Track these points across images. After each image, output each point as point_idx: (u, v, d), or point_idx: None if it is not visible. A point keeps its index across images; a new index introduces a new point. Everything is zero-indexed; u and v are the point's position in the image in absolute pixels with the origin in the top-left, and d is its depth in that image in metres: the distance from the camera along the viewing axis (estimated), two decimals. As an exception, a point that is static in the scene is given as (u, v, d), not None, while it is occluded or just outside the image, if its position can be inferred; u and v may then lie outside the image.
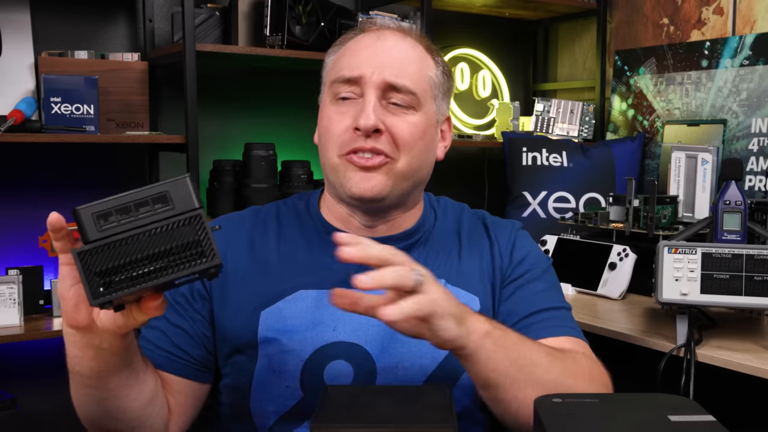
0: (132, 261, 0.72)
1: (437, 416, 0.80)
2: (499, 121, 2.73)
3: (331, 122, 1.05)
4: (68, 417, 1.02)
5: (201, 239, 0.73)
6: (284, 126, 2.49)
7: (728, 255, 1.37)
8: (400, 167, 1.04)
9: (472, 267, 1.11)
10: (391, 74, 1.03)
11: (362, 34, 1.10)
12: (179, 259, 0.73)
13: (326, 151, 1.06)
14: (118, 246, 0.72)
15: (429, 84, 1.08)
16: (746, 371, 1.35)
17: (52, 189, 2.16)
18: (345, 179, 1.03)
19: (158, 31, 2.27)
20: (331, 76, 1.08)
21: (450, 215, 1.17)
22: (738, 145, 2.25)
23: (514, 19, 2.92)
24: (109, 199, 0.72)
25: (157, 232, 0.72)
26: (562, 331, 1.07)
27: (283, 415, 1.01)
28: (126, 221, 0.72)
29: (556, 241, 2.05)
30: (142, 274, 0.72)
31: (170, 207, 0.73)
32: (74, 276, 0.80)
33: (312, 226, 1.12)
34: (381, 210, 1.08)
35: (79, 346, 0.85)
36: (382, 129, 1.02)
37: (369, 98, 1.02)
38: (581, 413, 0.80)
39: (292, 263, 1.07)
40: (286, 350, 1.02)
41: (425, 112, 1.07)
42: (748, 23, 2.34)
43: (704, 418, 0.77)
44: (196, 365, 1.06)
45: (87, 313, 0.82)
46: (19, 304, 1.81)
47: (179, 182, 0.73)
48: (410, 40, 1.09)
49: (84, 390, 0.91)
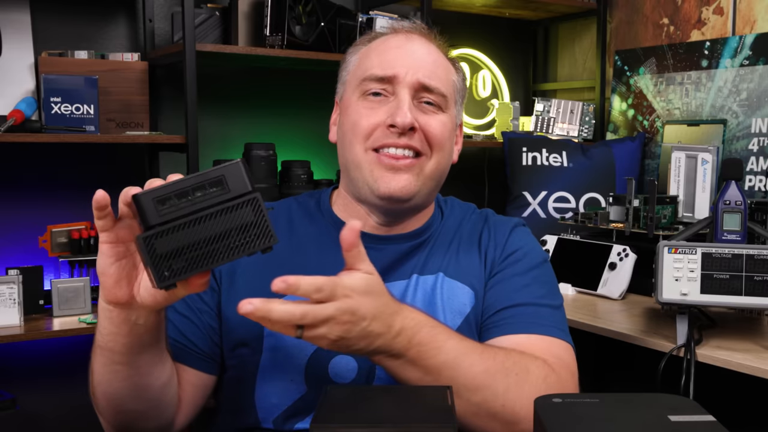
0: (193, 243, 0.75)
1: (437, 416, 0.80)
2: (499, 121, 2.74)
3: (361, 117, 1.05)
4: (68, 417, 1.02)
5: (259, 221, 0.77)
6: (284, 126, 2.49)
7: (728, 255, 1.37)
8: (430, 166, 1.06)
9: (469, 261, 1.12)
10: (424, 75, 1.06)
11: (391, 34, 1.11)
12: (239, 240, 0.76)
13: (351, 146, 1.06)
14: (180, 229, 0.74)
15: (453, 88, 1.12)
16: (746, 371, 1.35)
17: (52, 189, 2.16)
18: (371, 177, 1.04)
19: (158, 31, 2.27)
20: (358, 74, 1.09)
21: (456, 214, 1.18)
22: (738, 145, 2.25)
23: (514, 19, 2.92)
24: (166, 183, 0.74)
25: (217, 215, 0.75)
26: (534, 329, 1.03)
27: (287, 408, 1.02)
28: (184, 205, 0.74)
29: (556, 241, 2.06)
30: (203, 255, 0.75)
31: (226, 190, 0.76)
32: (116, 253, 0.81)
33: (323, 223, 1.13)
34: (403, 211, 1.09)
35: (116, 322, 0.86)
36: (416, 127, 1.04)
37: (403, 97, 1.04)
38: (581, 413, 0.80)
39: (302, 259, 1.08)
40: (291, 344, 1.03)
41: (450, 114, 1.10)
42: (748, 23, 2.34)
43: (704, 418, 0.77)
44: (203, 355, 1.06)
45: (128, 289, 0.83)
46: (19, 304, 1.81)
47: (233, 166, 0.76)
48: (434, 46, 1.11)
49: (112, 366, 0.91)
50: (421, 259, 1.11)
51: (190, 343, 1.05)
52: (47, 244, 1.99)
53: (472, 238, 1.15)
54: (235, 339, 1.06)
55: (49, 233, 1.99)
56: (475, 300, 1.09)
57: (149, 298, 0.83)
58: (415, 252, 1.11)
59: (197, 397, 1.07)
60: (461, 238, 1.15)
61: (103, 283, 0.83)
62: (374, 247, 1.09)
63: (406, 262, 1.10)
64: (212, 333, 1.07)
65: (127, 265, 0.83)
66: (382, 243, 1.10)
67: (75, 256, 1.98)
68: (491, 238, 1.14)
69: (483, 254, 1.13)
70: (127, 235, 0.82)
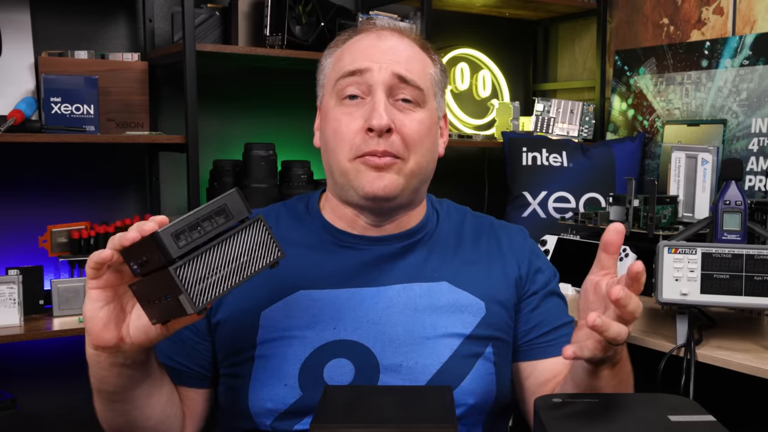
0: (213, 268, 0.82)
1: (437, 416, 0.80)
2: (499, 121, 2.73)
3: (340, 124, 1.05)
4: (68, 417, 1.03)
5: (266, 239, 0.87)
6: (284, 126, 2.49)
7: (728, 255, 1.37)
8: (410, 166, 1.05)
9: (479, 272, 1.11)
10: (398, 69, 1.04)
11: (361, 34, 1.10)
12: (250, 259, 0.85)
13: (335, 154, 1.05)
14: (200, 258, 0.81)
15: (431, 82, 1.10)
16: (746, 371, 1.35)
17: (52, 189, 2.16)
18: (356, 180, 1.04)
19: (158, 31, 2.27)
20: (333, 76, 1.08)
21: (453, 217, 1.17)
22: (738, 145, 2.25)
23: (514, 19, 2.92)
24: (178, 219, 0.81)
25: (228, 240, 0.84)
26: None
27: (282, 413, 1.01)
28: (197, 236, 0.81)
29: (556, 241, 2.05)
30: (223, 277, 0.83)
31: (230, 217, 0.84)
32: (105, 297, 0.85)
33: (312, 227, 1.12)
34: (390, 209, 1.08)
35: (105, 366, 0.89)
36: (393, 128, 1.03)
37: (378, 97, 1.03)
38: (581, 413, 0.80)
39: (292, 264, 1.07)
40: (285, 350, 1.03)
41: (429, 109, 1.08)
42: (748, 23, 2.34)
43: (704, 418, 0.77)
44: (195, 374, 1.08)
45: (116, 332, 0.86)
46: (19, 304, 1.81)
47: (231, 195, 0.85)
48: (408, 40, 1.10)
49: (110, 405, 0.95)
50: (420, 262, 1.10)
51: (180, 365, 1.07)
52: (47, 244, 1.99)
53: (480, 248, 1.14)
54: (229, 347, 1.06)
55: (49, 233, 1.99)
56: (485, 312, 1.08)
57: (142, 337, 0.86)
58: (409, 252, 1.10)
59: (201, 409, 1.09)
60: (466, 246, 1.14)
61: (91, 328, 0.86)
62: (366, 248, 1.09)
63: (401, 262, 1.09)
64: (200, 350, 1.07)
65: (115, 308, 0.86)
66: (375, 244, 1.09)
67: (75, 256, 1.98)
68: (507, 250, 1.15)
69: (499, 266, 1.13)
70: (116, 280, 0.85)
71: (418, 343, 1.04)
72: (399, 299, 1.06)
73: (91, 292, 0.85)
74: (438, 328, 1.05)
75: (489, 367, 1.07)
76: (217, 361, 1.08)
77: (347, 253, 1.09)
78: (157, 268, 0.80)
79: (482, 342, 1.07)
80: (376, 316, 1.05)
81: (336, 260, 1.08)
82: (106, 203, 2.23)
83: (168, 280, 0.79)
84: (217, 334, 1.07)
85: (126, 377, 0.91)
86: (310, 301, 1.05)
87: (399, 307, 1.05)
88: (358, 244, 1.09)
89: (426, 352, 1.04)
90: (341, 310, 1.05)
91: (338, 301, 1.05)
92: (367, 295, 1.06)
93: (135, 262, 0.82)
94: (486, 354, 1.07)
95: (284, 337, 1.03)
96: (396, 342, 1.03)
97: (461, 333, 1.06)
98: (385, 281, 1.07)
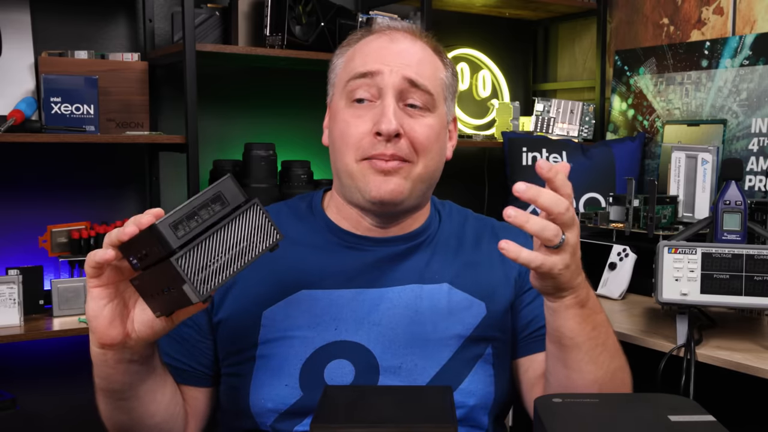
0: (214, 255, 0.82)
1: (437, 416, 0.80)
2: (499, 121, 2.73)
3: (349, 126, 1.04)
4: (68, 417, 1.03)
5: (263, 222, 0.86)
6: (284, 126, 2.49)
7: (728, 255, 1.37)
8: (418, 171, 1.05)
9: (480, 274, 1.11)
10: (409, 73, 1.04)
11: (374, 35, 1.09)
12: (250, 243, 0.85)
13: (342, 155, 1.06)
14: (200, 246, 0.81)
15: (441, 86, 1.09)
16: (746, 371, 1.35)
17: (52, 189, 2.16)
18: (363, 183, 1.03)
19: (158, 31, 2.27)
20: (344, 76, 1.08)
21: (455, 219, 1.17)
22: (738, 145, 2.25)
23: (514, 19, 2.92)
24: (174, 210, 0.80)
25: (227, 226, 0.83)
26: None
27: (283, 413, 1.01)
28: (195, 225, 0.81)
29: (556, 241, 2.05)
30: (225, 263, 0.83)
31: (225, 204, 0.84)
32: (108, 295, 0.85)
33: (315, 226, 1.12)
34: (396, 213, 1.08)
35: (111, 364, 0.89)
36: (401, 133, 1.02)
37: (388, 101, 1.03)
38: (581, 413, 0.80)
39: (294, 263, 1.07)
40: (286, 350, 1.03)
41: (439, 114, 1.08)
42: (748, 23, 2.34)
43: (704, 418, 0.77)
44: (197, 372, 1.08)
45: (122, 328, 0.86)
46: (19, 304, 1.81)
47: (225, 182, 0.85)
48: (420, 43, 1.09)
49: (116, 404, 0.96)
50: (422, 264, 1.10)
51: (182, 364, 1.06)
52: (47, 244, 1.99)
53: (482, 250, 1.14)
54: (230, 347, 1.06)
55: (49, 233, 1.99)
56: (486, 314, 1.08)
57: (147, 330, 0.87)
58: (412, 254, 1.10)
59: (204, 408, 1.09)
60: (467, 248, 1.13)
61: (96, 326, 0.86)
62: (370, 249, 1.09)
63: (405, 264, 1.09)
64: (202, 348, 1.07)
65: (118, 305, 0.86)
66: (378, 245, 1.09)
67: (75, 256, 1.98)
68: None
69: (501, 269, 1.12)
70: (116, 276, 0.85)
71: (418, 346, 1.04)
72: (400, 301, 1.06)
73: (92, 291, 0.85)
74: (438, 331, 1.05)
75: (488, 369, 1.07)
76: (218, 360, 1.09)
77: (350, 253, 1.09)
78: (158, 261, 0.80)
79: (482, 343, 1.07)
80: (377, 317, 1.05)
81: (339, 260, 1.08)
82: (106, 203, 2.23)
83: (170, 272, 0.79)
84: (219, 333, 1.07)
85: (132, 373, 0.91)
86: (312, 301, 1.05)
87: (400, 309, 1.05)
88: (361, 245, 1.09)
89: (426, 354, 1.04)
90: (343, 310, 1.05)
91: (340, 301, 1.05)
92: (369, 296, 1.06)
93: (134, 256, 0.81)
94: (485, 355, 1.07)
95: (285, 337, 1.03)
96: (396, 344, 1.04)
97: (461, 335, 1.06)
98: (388, 282, 1.07)
